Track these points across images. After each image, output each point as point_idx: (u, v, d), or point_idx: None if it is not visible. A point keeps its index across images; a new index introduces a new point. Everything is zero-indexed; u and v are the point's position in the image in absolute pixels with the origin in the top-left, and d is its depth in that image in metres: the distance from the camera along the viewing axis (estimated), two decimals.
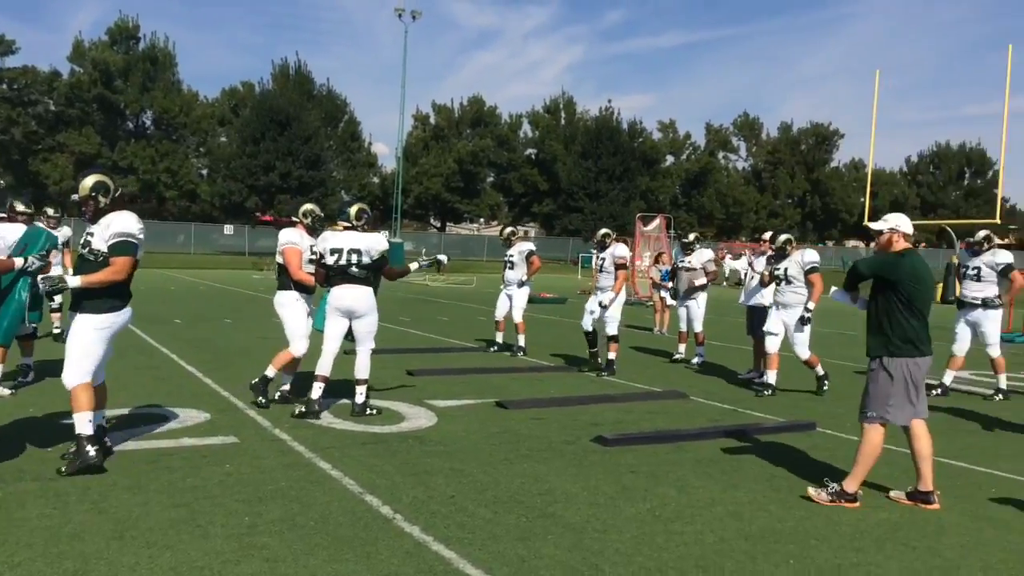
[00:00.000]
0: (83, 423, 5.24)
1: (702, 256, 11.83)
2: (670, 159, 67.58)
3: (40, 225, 8.61)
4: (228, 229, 51.33)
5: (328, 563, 3.93)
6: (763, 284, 9.64)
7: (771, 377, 9.05)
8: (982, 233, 9.58)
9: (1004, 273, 9.23)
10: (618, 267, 10.08)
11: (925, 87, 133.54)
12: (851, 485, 5.16)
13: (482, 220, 68.06)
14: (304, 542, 4.18)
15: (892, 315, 5.16)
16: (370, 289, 7.23)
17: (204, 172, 56.19)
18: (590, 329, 10.33)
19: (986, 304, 9.22)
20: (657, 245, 24.28)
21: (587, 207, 56.32)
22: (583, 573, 3.93)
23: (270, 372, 7.49)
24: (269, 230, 52.93)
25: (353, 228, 7.25)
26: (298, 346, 7.49)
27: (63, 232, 10.78)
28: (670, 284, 13.34)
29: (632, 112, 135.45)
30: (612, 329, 10.10)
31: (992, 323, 9.27)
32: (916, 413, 5.24)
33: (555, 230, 60.76)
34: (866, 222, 5.60)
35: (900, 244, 5.32)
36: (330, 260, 7.18)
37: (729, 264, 12.89)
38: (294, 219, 7.81)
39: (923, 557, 4.30)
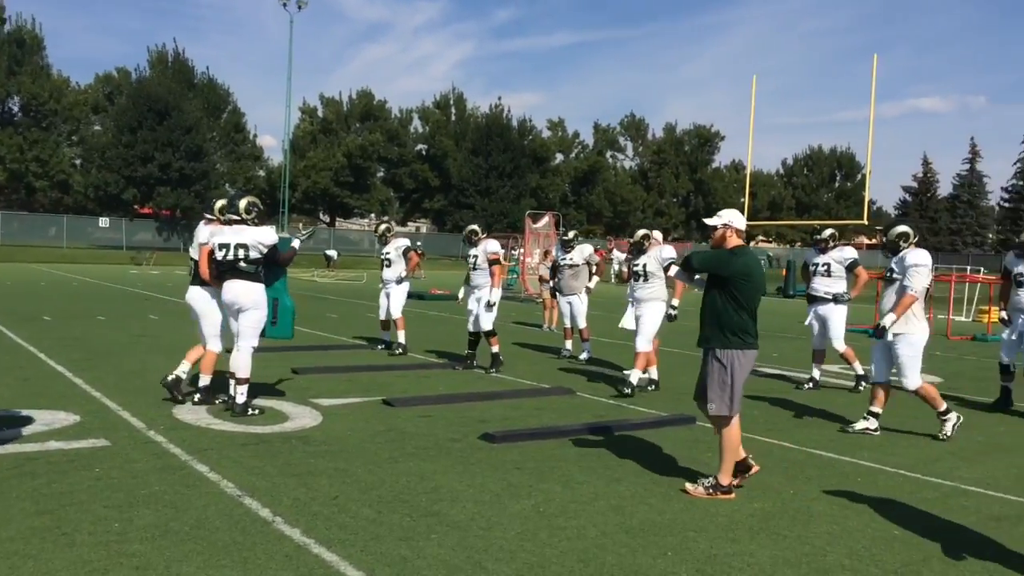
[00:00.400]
0: None
1: (583, 252, 11.98)
2: (559, 157, 68.42)
3: None
4: (104, 222, 49.04)
5: (203, 569, 3.80)
6: (623, 280, 9.85)
7: (634, 376, 8.98)
8: (828, 231, 10.06)
9: (850, 268, 9.73)
10: (491, 262, 10.09)
11: (799, 93, 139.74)
12: (724, 478, 5.34)
13: (372, 215, 67.31)
14: (177, 548, 4.03)
15: (724, 308, 5.39)
16: (258, 284, 7.09)
17: (77, 162, 53.53)
18: (475, 330, 10.33)
19: (836, 299, 9.69)
20: (547, 242, 24.55)
21: (478, 204, 56.48)
22: (466, 571, 3.93)
23: (204, 380, 7.39)
24: (147, 223, 51.04)
25: (243, 222, 7.09)
26: (216, 344, 7.44)
27: None
28: (551, 281, 13.49)
29: (522, 110, 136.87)
30: (487, 324, 10.06)
31: (838, 317, 9.72)
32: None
33: (446, 226, 60.63)
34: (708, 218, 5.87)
35: (733, 240, 5.54)
36: (219, 255, 7.04)
37: (617, 256, 13.08)
38: (208, 216, 7.62)
39: (793, 545, 4.48)
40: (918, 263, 7.09)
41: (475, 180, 57.32)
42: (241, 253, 6.99)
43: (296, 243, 7.66)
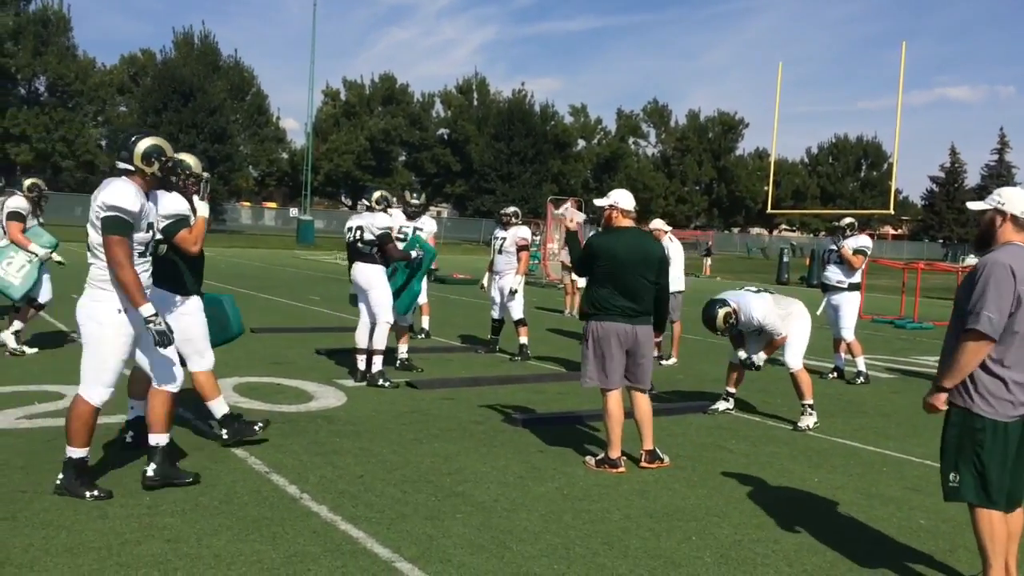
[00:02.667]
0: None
1: None
2: (581, 143, 68.14)
3: None
4: None
5: (232, 543, 3.85)
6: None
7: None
8: (846, 220, 9.89)
9: (854, 253, 9.52)
10: (520, 249, 10.08)
11: (824, 81, 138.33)
12: (610, 452, 5.45)
13: (395, 200, 67.44)
14: (208, 522, 4.09)
15: (591, 284, 5.57)
16: (375, 266, 7.88)
17: (103, 143, 53.89)
18: (500, 316, 10.34)
19: (851, 287, 9.57)
20: None
21: (499, 189, 56.32)
22: (491, 551, 3.96)
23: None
24: None
25: (371, 209, 7.91)
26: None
27: None
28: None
29: (544, 95, 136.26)
30: (518, 313, 10.05)
31: (850, 307, 9.55)
32: (619, 382, 5.54)
33: (468, 211, 60.62)
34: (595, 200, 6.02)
35: (619, 219, 5.62)
36: (348, 238, 8.00)
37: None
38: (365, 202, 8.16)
39: (818, 533, 4.47)
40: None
41: (497, 165, 57.20)
42: (359, 234, 7.84)
43: (414, 253, 8.38)
